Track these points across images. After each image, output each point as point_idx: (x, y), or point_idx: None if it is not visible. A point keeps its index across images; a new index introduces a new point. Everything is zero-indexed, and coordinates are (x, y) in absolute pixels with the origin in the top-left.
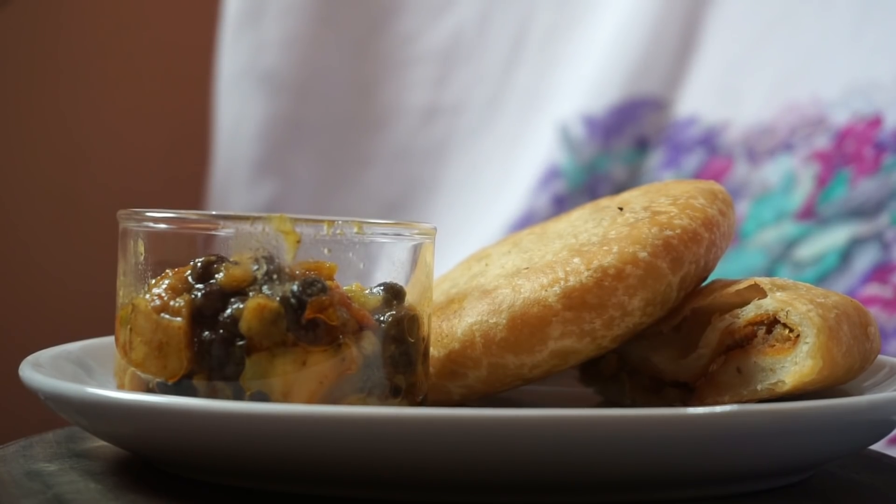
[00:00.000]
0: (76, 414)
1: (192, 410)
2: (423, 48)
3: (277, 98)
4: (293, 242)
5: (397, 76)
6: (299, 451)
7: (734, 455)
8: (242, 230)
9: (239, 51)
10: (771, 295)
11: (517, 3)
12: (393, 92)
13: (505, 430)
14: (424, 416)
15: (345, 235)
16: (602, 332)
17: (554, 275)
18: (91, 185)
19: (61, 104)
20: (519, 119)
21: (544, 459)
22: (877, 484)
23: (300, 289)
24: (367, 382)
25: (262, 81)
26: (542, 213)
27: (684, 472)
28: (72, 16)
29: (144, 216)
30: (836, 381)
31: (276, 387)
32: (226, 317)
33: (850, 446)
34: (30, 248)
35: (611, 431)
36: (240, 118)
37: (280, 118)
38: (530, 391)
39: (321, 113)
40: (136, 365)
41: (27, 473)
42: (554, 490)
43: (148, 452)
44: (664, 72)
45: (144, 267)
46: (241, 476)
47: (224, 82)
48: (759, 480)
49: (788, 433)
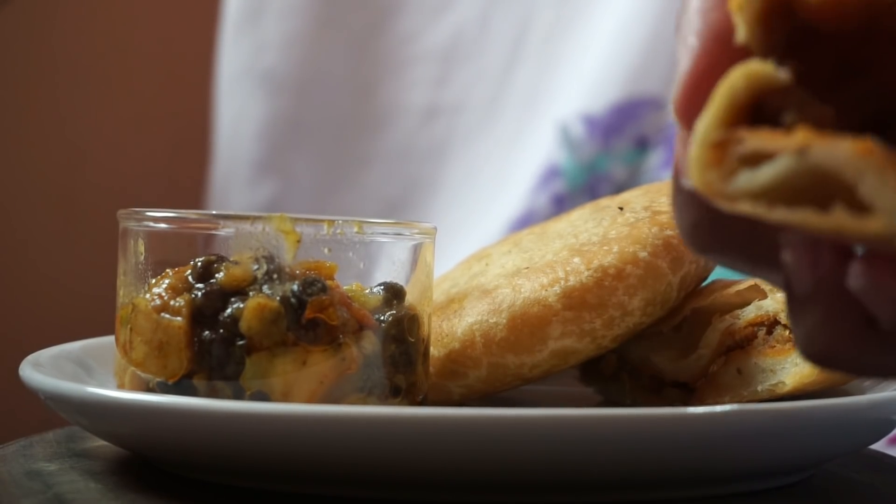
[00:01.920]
0: (76, 413)
1: (192, 410)
2: (424, 48)
3: (277, 98)
4: (293, 242)
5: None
6: (299, 450)
7: (734, 455)
8: (242, 230)
9: (239, 51)
10: (771, 296)
11: (517, 3)
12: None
13: (505, 430)
14: (424, 416)
15: (345, 235)
16: (602, 331)
17: (554, 274)
18: (91, 184)
19: (61, 104)
20: (519, 119)
21: (544, 459)
22: (877, 483)
23: (300, 288)
24: (367, 382)
25: (262, 81)
26: (542, 212)
27: (684, 471)
28: (71, 16)
29: (144, 216)
30: (837, 383)
31: (276, 386)
32: (226, 316)
33: (850, 446)
34: (30, 248)
35: (611, 431)
36: (240, 118)
37: (280, 118)
38: (530, 391)
39: (321, 113)
40: (137, 364)
41: (27, 473)
42: (554, 490)
43: (148, 452)
44: (664, 72)
45: (144, 267)
46: (241, 476)
47: (224, 82)
48: (758, 480)
49: (788, 433)
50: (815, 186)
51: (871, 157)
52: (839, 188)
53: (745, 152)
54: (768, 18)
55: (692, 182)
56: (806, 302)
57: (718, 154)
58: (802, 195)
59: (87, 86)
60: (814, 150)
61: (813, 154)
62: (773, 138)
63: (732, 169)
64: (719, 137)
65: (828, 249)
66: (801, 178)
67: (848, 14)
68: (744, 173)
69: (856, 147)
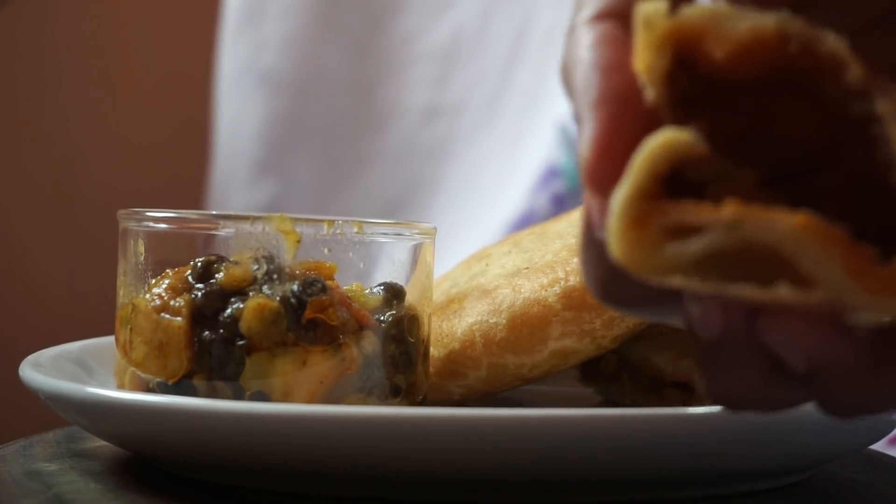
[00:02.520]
0: (76, 414)
1: (192, 410)
2: (424, 48)
3: (277, 98)
4: (293, 242)
5: (397, 76)
6: (299, 451)
7: (734, 455)
8: (242, 230)
9: (239, 50)
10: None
11: (517, 3)
12: (393, 92)
13: (505, 430)
14: (424, 416)
15: (345, 235)
16: (602, 332)
17: (554, 275)
18: (91, 184)
19: (60, 104)
20: (519, 119)
21: (544, 459)
22: (877, 483)
23: (300, 289)
24: (367, 382)
25: (262, 81)
26: (542, 212)
27: (684, 472)
28: (71, 15)
29: (144, 216)
30: None
31: (276, 387)
32: (226, 317)
33: (850, 446)
34: (29, 248)
35: (611, 431)
36: (240, 118)
37: (280, 118)
38: (530, 391)
39: (321, 113)
40: (136, 365)
41: (27, 473)
42: (553, 490)
43: (148, 452)
44: None
45: (144, 267)
46: (241, 476)
47: (224, 82)
48: (758, 480)
49: (788, 433)
50: (747, 255)
51: (810, 232)
52: (774, 259)
53: (671, 225)
54: (673, 74)
55: (615, 255)
56: (713, 349)
57: (640, 227)
58: (733, 264)
59: (87, 86)
60: (747, 225)
61: (746, 229)
62: (699, 211)
63: (657, 242)
64: (640, 211)
65: (737, 302)
66: (733, 248)
67: (753, 65)
68: (671, 246)
69: (792, 222)
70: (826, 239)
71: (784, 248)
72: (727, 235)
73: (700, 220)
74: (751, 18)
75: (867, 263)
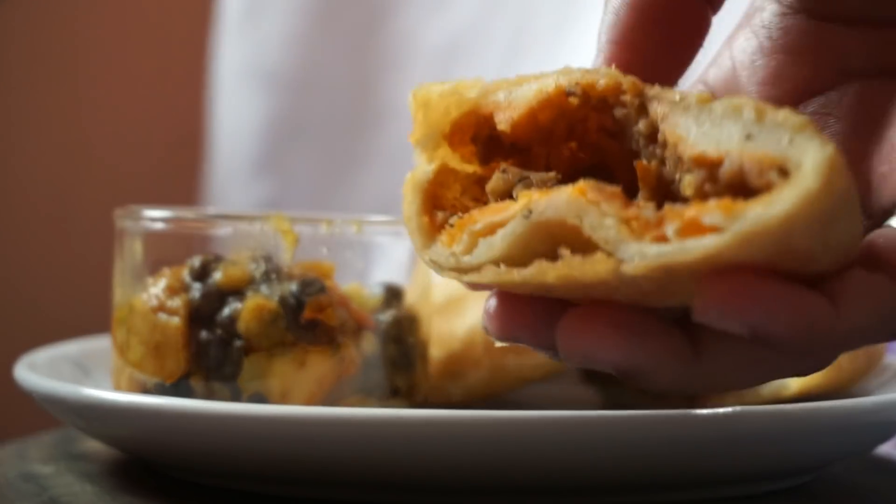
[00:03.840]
0: (72, 415)
1: (189, 412)
2: (423, 46)
3: (276, 96)
4: (291, 241)
5: (397, 74)
6: (298, 453)
7: (737, 457)
8: (240, 229)
9: (238, 48)
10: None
11: (517, 3)
12: (392, 90)
13: (505, 431)
14: (424, 417)
15: (344, 234)
16: None
17: None
18: (88, 183)
19: (59, 102)
20: None
21: (544, 461)
22: (881, 486)
23: (299, 289)
24: (366, 383)
25: (260, 79)
26: None
27: (687, 473)
28: (69, 14)
29: (141, 215)
30: (841, 386)
31: (274, 388)
32: (224, 317)
33: (854, 448)
34: (26, 247)
35: (612, 433)
36: (238, 116)
37: (279, 116)
38: (530, 391)
39: (320, 111)
40: (134, 365)
41: (22, 475)
42: (554, 491)
43: (145, 454)
44: None
45: (142, 266)
46: (239, 478)
47: (223, 80)
48: (762, 482)
49: (792, 435)
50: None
51: (589, 196)
52: (573, 238)
53: (481, 228)
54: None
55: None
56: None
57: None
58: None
59: (86, 83)
60: (536, 207)
61: (536, 210)
62: (500, 209)
63: (471, 245)
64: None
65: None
66: (538, 240)
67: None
68: (482, 243)
69: (571, 191)
70: (603, 196)
71: (569, 220)
72: (524, 223)
73: (503, 216)
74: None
75: (637, 212)
